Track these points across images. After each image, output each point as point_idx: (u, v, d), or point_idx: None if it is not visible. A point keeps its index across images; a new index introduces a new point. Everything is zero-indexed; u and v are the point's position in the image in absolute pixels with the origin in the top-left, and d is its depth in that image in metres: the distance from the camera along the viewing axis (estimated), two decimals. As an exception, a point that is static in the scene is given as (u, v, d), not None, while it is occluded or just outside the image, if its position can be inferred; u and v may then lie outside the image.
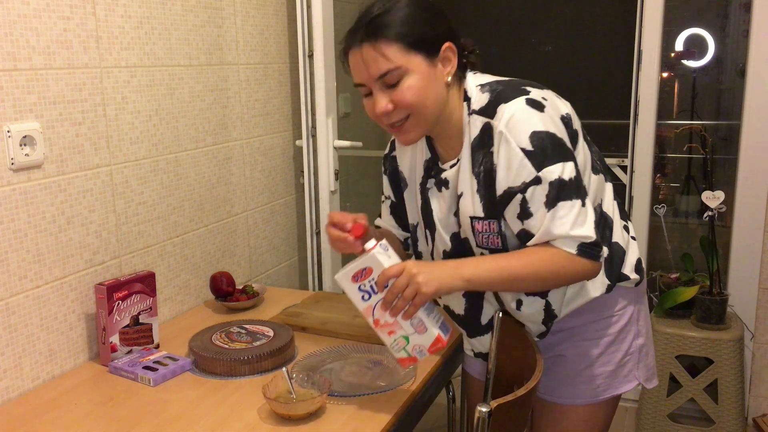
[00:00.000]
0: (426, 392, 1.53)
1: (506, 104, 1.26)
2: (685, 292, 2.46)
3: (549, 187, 1.23)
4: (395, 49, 1.24)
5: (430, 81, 1.27)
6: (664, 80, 3.40)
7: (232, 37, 2.14)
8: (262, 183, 2.34)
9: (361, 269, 1.27)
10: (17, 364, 1.51)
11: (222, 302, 1.97)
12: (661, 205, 2.56)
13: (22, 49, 1.48)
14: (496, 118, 1.27)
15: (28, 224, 1.51)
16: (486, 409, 1.07)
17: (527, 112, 1.25)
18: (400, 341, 1.29)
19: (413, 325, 1.27)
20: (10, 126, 1.46)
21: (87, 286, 1.66)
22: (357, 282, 1.28)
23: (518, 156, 1.23)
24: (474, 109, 1.32)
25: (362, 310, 1.30)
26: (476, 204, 1.32)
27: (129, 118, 1.76)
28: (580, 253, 1.24)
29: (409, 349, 1.30)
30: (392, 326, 1.28)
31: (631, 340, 1.44)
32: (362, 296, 1.29)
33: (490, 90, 1.32)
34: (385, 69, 1.25)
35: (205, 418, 1.37)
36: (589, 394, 1.44)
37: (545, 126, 1.24)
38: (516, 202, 1.25)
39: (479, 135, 1.30)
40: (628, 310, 1.43)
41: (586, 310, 1.40)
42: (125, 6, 1.73)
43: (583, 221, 1.24)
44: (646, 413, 2.50)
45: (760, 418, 2.50)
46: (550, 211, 1.23)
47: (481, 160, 1.30)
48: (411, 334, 1.28)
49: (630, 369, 1.45)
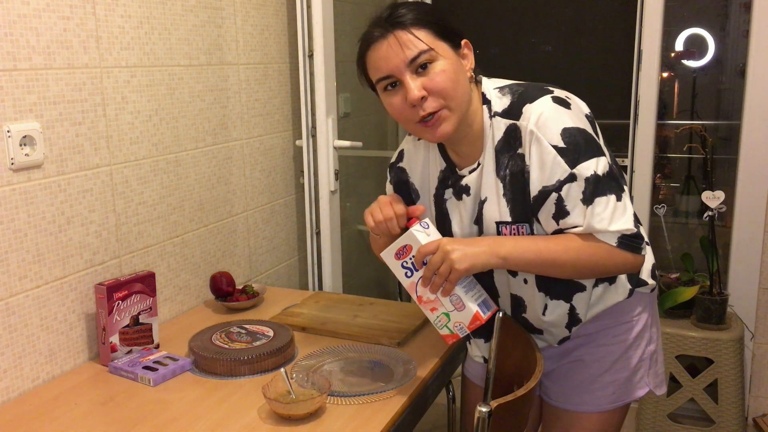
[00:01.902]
0: (426, 392, 1.53)
1: (532, 104, 1.25)
2: (685, 292, 2.46)
3: (585, 184, 1.21)
4: (425, 33, 1.24)
5: (458, 69, 1.27)
6: (664, 80, 3.40)
7: (232, 37, 2.14)
8: (262, 183, 2.34)
9: (402, 246, 1.30)
10: (17, 364, 1.51)
11: (222, 302, 1.97)
12: (661, 205, 2.56)
13: (22, 49, 1.48)
14: (523, 119, 1.25)
15: (28, 224, 1.51)
16: (486, 409, 1.07)
17: (555, 110, 1.24)
18: (442, 318, 1.32)
19: (452, 302, 1.29)
20: (10, 126, 1.46)
21: (87, 286, 1.66)
22: (400, 259, 1.31)
23: (551, 154, 1.21)
24: (496, 112, 1.30)
25: (407, 287, 1.33)
26: (502, 208, 1.30)
27: (129, 118, 1.76)
28: (621, 246, 1.23)
29: (451, 326, 1.31)
30: (434, 303, 1.30)
31: (645, 345, 1.43)
32: (405, 273, 1.32)
33: (511, 92, 1.30)
34: (418, 50, 1.23)
35: (205, 418, 1.37)
36: (604, 401, 1.42)
37: (575, 122, 1.23)
38: (551, 202, 1.24)
39: (503, 138, 1.28)
40: (644, 316, 1.43)
41: (606, 315, 1.39)
42: (125, 6, 1.73)
43: (621, 214, 1.22)
44: (646, 413, 2.50)
45: (760, 418, 2.50)
46: (588, 208, 1.21)
47: (507, 163, 1.28)
48: (451, 311, 1.30)
49: (642, 375, 1.44)
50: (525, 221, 1.29)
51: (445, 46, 1.26)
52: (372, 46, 1.27)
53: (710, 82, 3.45)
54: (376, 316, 1.86)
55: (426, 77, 1.24)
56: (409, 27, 1.24)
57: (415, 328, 1.77)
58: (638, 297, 1.40)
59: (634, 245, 1.24)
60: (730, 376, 2.36)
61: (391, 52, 1.24)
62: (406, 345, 1.69)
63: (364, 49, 1.28)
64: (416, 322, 1.79)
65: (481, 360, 1.52)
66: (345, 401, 1.41)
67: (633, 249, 1.24)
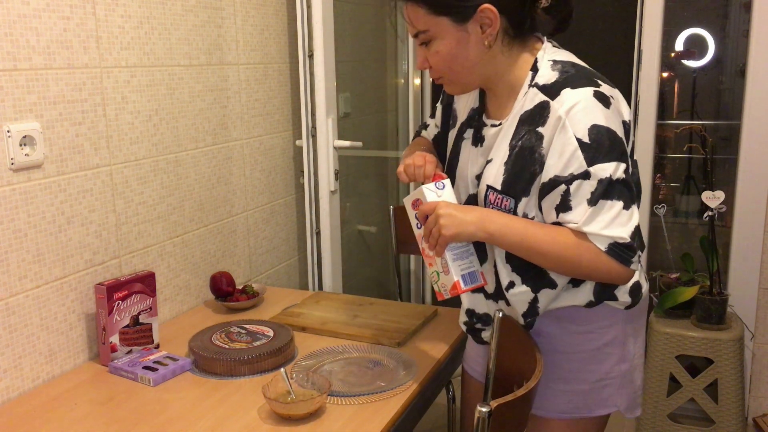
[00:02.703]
0: (426, 392, 1.53)
1: (573, 90, 1.21)
2: (685, 292, 2.46)
3: (597, 185, 1.18)
4: (422, 12, 1.26)
5: (459, 45, 1.27)
6: (664, 80, 3.40)
7: (232, 37, 2.14)
8: (262, 183, 2.34)
9: (416, 199, 1.36)
10: (17, 364, 1.51)
11: (222, 302, 1.97)
12: (661, 205, 2.56)
13: (22, 49, 1.48)
14: (558, 101, 1.22)
15: (28, 224, 1.51)
16: (486, 409, 1.07)
17: (592, 104, 1.20)
18: (434, 276, 1.36)
19: (441, 264, 1.33)
20: (10, 126, 1.46)
21: (87, 286, 1.66)
22: (414, 210, 1.37)
23: (572, 146, 1.18)
24: (537, 83, 1.27)
25: (416, 236, 1.39)
26: (498, 175, 1.28)
27: (129, 118, 1.76)
28: (609, 252, 1.18)
29: (439, 284, 1.35)
30: (431, 259, 1.35)
31: (612, 363, 1.36)
32: (416, 224, 1.38)
33: (561, 70, 1.27)
34: (414, 31, 1.29)
35: (205, 418, 1.37)
36: (560, 409, 1.37)
37: (607, 122, 1.20)
38: (558, 193, 1.21)
39: (531, 110, 1.26)
40: (612, 331, 1.35)
41: (565, 318, 1.34)
42: (125, 6, 1.73)
43: (622, 223, 1.19)
44: (646, 413, 2.50)
45: (760, 418, 2.50)
46: (591, 208, 1.18)
47: (523, 135, 1.26)
48: (440, 272, 1.34)
49: (609, 394, 1.37)
50: (512, 196, 1.27)
51: (444, 22, 1.25)
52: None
53: (710, 82, 3.45)
54: (376, 316, 1.86)
55: (428, 52, 1.30)
56: (410, 3, 1.27)
57: (415, 328, 1.77)
58: (607, 310, 1.34)
59: (623, 255, 1.19)
60: (730, 376, 2.36)
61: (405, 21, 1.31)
62: (406, 345, 1.69)
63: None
64: (416, 322, 1.79)
65: (464, 326, 1.49)
66: (345, 401, 1.41)
67: (622, 259, 1.19)
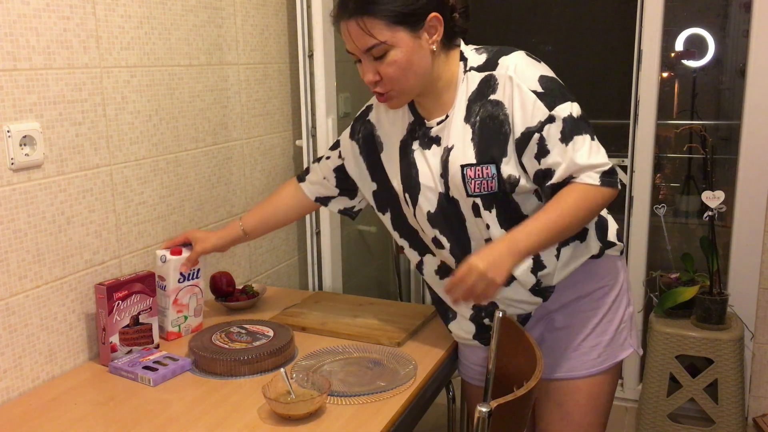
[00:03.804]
0: (426, 392, 1.53)
1: (508, 56, 1.38)
2: (685, 292, 2.46)
3: (563, 124, 1.30)
4: (380, 24, 1.30)
5: (413, 54, 1.33)
6: (664, 80, 3.40)
7: (232, 37, 2.14)
8: (262, 183, 2.34)
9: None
10: (17, 364, 1.51)
11: (222, 302, 1.97)
12: (661, 205, 2.56)
13: (22, 49, 1.48)
14: (500, 68, 1.36)
15: (28, 224, 1.51)
16: (486, 409, 1.07)
17: (530, 61, 1.38)
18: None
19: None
20: (10, 126, 1.46)
21: (87, 286, 1.66)
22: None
23: (531, 98, 1.32)
24: (472, 67, 1.40)
25: (172, 291, 1.74)
26: (468, 152, 1.37)
27: (129, 118, 1.76)
28: (603, 183, 1.30)
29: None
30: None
31: (624, 308, 1.53)
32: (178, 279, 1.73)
33: (486, 51, 1.42)
34: (370, 44, 1.32)
35: (205, 418, 1.37)
36: (591, 364, 1.49)
37: (548, 72, 1.37)
38: (534, 142, 1.32)
39: (477, 88, 1.38)
40: (619, 280, 1.52)
41: (580, 279, 1.47)
42: (125, 6, 1.73)
43: (597, 150, 1.32)
44: (646, 413, 2.50)
45: (760, 418, 2.50)
46: (568, 145, 1.30)
47: (478, 111, 1.37)
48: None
49: (625, 337, 1.53)
50: (490, 162, 1.36)
51: (401, 34, 1.32)
52: (339, 23, 1.36)
53: (710, 82, 3.45)
54: (376, 316, 1.86)
55: (381, 64, 1.34)
56: (364, 17, 1.30)
57: (415, 328, 1.77)
58: (609, 260, 1.50)
59: (612, 180, 1.32)
60: (730, 376, 2.36)
61: (349, 38, 1.35)
62: (406, 345, 1.69)
63: (336, 20, 1.37)
64: (416, 322, 1.79)
65: (470, 337, 1.56)
66: (345, 401, 1.41)
67: (612, 184, 1.32)
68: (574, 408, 1.49)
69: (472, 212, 1.41)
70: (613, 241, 1.49)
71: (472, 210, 1.41)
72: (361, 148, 1.61)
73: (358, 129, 1.62)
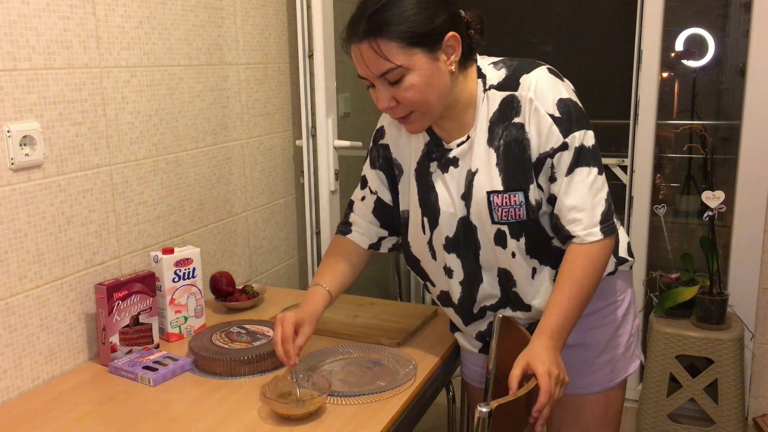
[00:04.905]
0: (426, 392, 1.53)
1: (529, 74, 1.31)
2: (685, 292, 2.46)
3: (573, 154, 1.28)
4: (395, 47, 1.21)
5: (432, 76, 1.25)
6: (664, 80, 3.40)
7: (232, 36, 2.14)
8: (262, 183, 2.34)
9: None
10: (17, 364, 1.51)
11: (222, 302, 1.97)
12: (661, 205, 2.56)
13: (22, 49, 1.48)
14: (522, 89, 1.30)
15: (28, 224, 1.51)
16: (486, 409, 1.07)
17: (552, 80, 1.31)
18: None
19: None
20: (10, 126, 1.46)
21: (87, 286, 1.66)
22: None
23: (547, 123, 1.28)
24: (492, 85, 1.34)
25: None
26: (494, 178, 1.32)
27: (129, 118, 1.76)
28: (606, 235, 1.29)
29: None
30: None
31: (632, 321, 1.52)
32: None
33: (505, 65, 1.35)
34: (386, 68, 1.23)
35: (205, 418, 1.37)
36: (605, 380, 1.48)
37: (568, 94, 1.31)
38: (547, 167, 1.30)
39: (498, 108, 1.33)
40: (628, 294, 1.51)
41: (594, 297, 1.41)
42: (125, 6, 1.73)
43: (599, 188, 1.29)
44: (646, 413, 2.50)
45: (760, 418, 2.50)
46: (567, 177, 1.28)
47: (501, 134, 1.32)
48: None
49: (633, 349, 1.52)
50: (518, 189, 1.32)
51: (418, 56, 1.23)
52: (350, 46, 1.28)
53: (710, 82, 3.45)
54: (376, 316, 1.86)
55: (398, 89, 1.25)
56: (378, 40, 1.21)
57: (415, 328, 1.77)
58: (621, 275, 1.48)
59: (610, 227, 1.30)
60: (730, 376, 2.36)
61: (362, 62, 1.26)
62: (406, 345, 1.69)
63: (347, 43, 1.29)
64: (416, 322, 1.79)
65: (475, 349, 1.54)
66: (345, 401, 1.41)
67: (611, 232, 1.30)
68: (593, 420, 1.50)
69: (493, 240, 1.36)
70: (625, 257, 1.46)
71: (494, 238, 1.36)
72: (387, 173, 1.52)
73: (376, 156, 1.52)
